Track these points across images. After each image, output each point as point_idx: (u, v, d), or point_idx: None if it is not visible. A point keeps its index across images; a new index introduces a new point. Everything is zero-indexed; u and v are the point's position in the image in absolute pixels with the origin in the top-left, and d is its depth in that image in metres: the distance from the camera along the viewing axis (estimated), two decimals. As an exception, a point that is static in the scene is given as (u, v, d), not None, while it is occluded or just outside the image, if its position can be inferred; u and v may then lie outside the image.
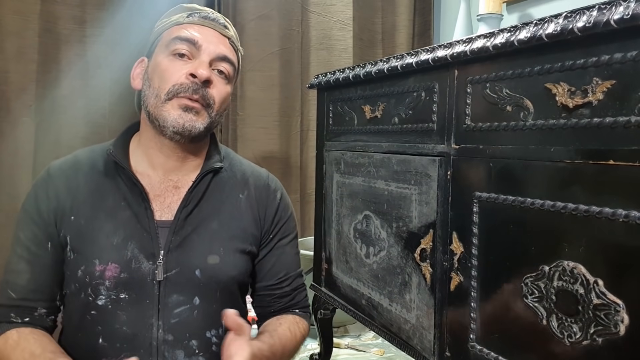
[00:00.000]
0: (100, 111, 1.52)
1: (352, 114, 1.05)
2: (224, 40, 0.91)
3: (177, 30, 0.88)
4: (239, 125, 1.75)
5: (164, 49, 0.87)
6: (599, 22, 0.52)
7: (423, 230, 0.82)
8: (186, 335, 0.84)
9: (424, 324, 0.82)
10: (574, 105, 0.57)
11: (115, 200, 0.86)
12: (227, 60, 0.89)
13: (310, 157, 1.84)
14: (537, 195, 0.62)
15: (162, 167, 0.90)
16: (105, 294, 0.82)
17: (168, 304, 0.84)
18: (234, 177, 0.96)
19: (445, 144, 0.78)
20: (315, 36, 1.85)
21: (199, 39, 0.86)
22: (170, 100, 0.84)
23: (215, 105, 0.88)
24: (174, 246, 0.85)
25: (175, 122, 0.84)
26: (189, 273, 0.85)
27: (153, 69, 0.88)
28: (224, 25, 0.92)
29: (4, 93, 1.39)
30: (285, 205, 1.02)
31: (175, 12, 0.92)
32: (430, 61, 0.78)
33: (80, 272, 0.82)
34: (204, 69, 0.84)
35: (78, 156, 0.92)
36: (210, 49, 0.87)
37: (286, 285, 0.99)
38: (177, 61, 0.86)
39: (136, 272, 0.83)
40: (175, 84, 0.84)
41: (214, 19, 0.91)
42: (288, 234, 1.01)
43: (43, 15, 1.42)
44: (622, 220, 0.52)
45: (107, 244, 0.83)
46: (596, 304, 0.55)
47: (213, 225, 0.89)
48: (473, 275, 0.72)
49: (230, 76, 0.91)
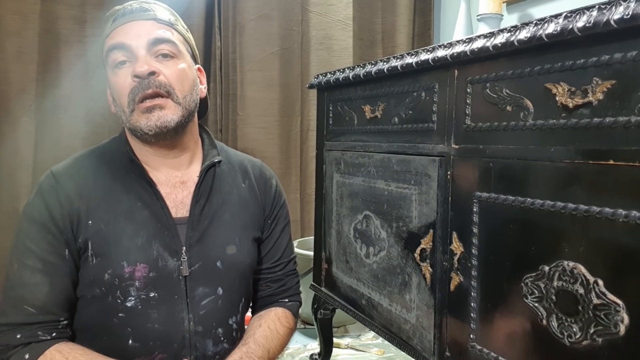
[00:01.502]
0: (100, 111, 1.52)
1: (352, 114, 1.05)
2: (150, 24, 0.87)
3: (107, 42, 0.87)
4: (239, 125, 1.75)
5: (108, 67, 0.87)
6: (599, 22, 0.52)
7: (423, 230, 0.82)
8: (213, 325, 0.88)
9: (424, 324, 0.82)
10: (574, 105, 0.57)
11: (130, 202, 0.86)
12: (161, 42, 0.86)
13: (310, 157, 1.84)
14: (537, 195, 0.62)
15: (163, 166, 0.91)
16: (135, 294, 0.83)
17: (195, 297, 0.87)
18: (233, 168, 0.99)
19: (445, 144, 0.78)
20: (315, 36, 1.85)
21: (126, 39, 0.85)
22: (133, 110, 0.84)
23: (175, 87, 0.86)
24: (194, 241, 0.88)
25: (147, 127, 0.84)
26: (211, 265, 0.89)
27: (110, 88, 0.89)
28: (143, 9, 0.88)
29: (4, 93, 1.39)
30: (280, 191, 1.07)
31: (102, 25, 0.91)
32: (430, 61, 0.78)
33: (108, 276, 0.82)
34: (141, 65, 0.83)
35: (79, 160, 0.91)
36: (139, 42, 0.85)
37: (278, 270, 1.03)
38: (120, 70, 0.85)
39: (164, 270, 0.85)
40: (129, 92, 0.84)
41: (131, 10, 0.87)
42: (283, 219, 1.05)
43: (43, 15, 1.43)
44: (622, 220, 0.52)
45: (132, 245, 0.83)
46: (596, 304, 0.55)
47: (226, 216, 0.93)
48: (473, 275, 0.72)
49: (177, 53, 0.88)
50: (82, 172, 0.88)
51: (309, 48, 1.85)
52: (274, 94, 1.78)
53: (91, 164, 0.90)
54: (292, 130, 1.84)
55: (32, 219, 0.84)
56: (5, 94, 1.39)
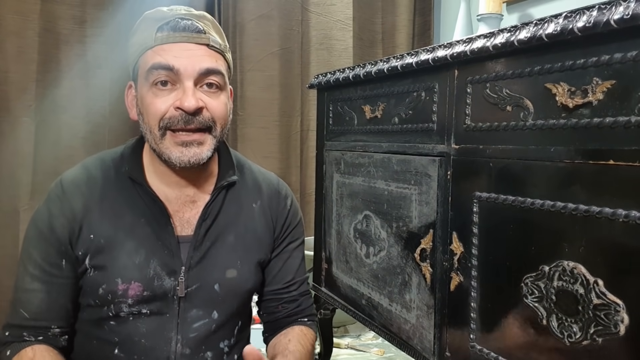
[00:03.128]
0: (100, 111, 1.52)
1: (352, 114, 1.05)
2: (202, 50, 0.81)
3: (151, 56, 0.79)
4: (239, 125, 1.75)
5: (144, 81, 0.80)
6: (599, 22, 0.52)
7: (423, 230, 0.82)
8: (202, 348, 0.85)
9: (424, 324, 0.82)
10: (574, 105, 0.57)
11: (134, 217, 0.84)
12: (212, 72, 0.81)
13: (310, 157, 1.84)
14: (537, 195, 0.62)
15: (176, 185, 0.87)
16: (126, 310, 0.82)
17: (187, 319, 0.84)
18: (246, 186, 0.94)
19: (445, 144, 0.78)
20: (315, 36, 1.85)
21: (174, 62, 0.78)
22: (164, 135, 0.80)
23: (217, 124, 0.83)
24: (194, 262, 0.85)
25: (179, 160, 0.80)
26: (208, 288, 0.86)
27: (141, 102, 0.82)
28: (197, 30, 0.81)
29: (4, 93, 1.39)
30: (295, 211, 1.01)
31: (143, 26, 0.83)
32: (430, 61, 0.78)
33: (102, 290, 0.81)
34: (190, 99, 0.78)
35: (89, 169, 0.87)
36: (189, 70, 0.79)
37: (293, 290, 0.98)
38: (160, 92, 0.79)
39: (158, 289, 0.83)
40: (164, 118, 0.79)
41: (184, 27, 0.80)
42: (296, 239, 1.00)
43: (43, 15, 1.43)
44: (622, 220, 0.52)
45: (129, 263, 0.82)
46: (596, 304, 0.55)
47: (230, 238, 0.89)
48: (473, 275, 0.72)
49: (221, 84, 0.83)
50: (89, 182, 0.85)
51: (309, 48, 1.85)
52: (274, 94, 1.78)
53: (100, 175, 0.86)
54: (292, 130, 1.84)
55: (36, 227, 0.84)
56: (5, 94, 1.39)
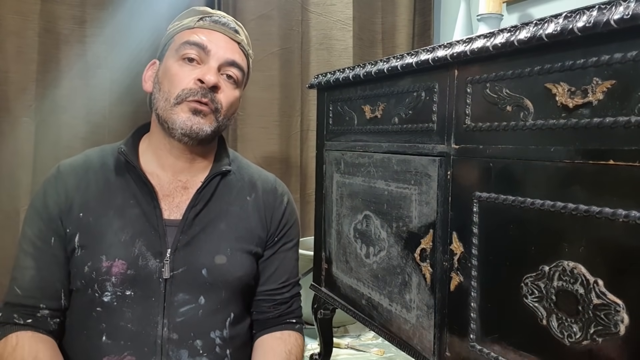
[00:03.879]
0: (100, 111, 1.52)
1: (352, 114, 1.05)
2: (233, 45, 0.91)
3: (188, 34, 0.89)
4: (239, 125, 1.75)
5: (174, 53, 0.88)
6: (599, 22, 0.52)
7: (423, 230, 0.82)
8: (191, 335, 0.85)
9: (424, 324, 0.82)
10: (574, 105, 0.57)
11: (124, 198, 0.87)
12: (236, 66, 0.90)
13: (310, 157, 1.84)
14: (537, 195, 0.62)
15: (171, 168, 0.91)
16: (111, 290, 0.83)
17: (174, 303, 0.85)
18: (241, 180, 0.97)
19: (445, 144, 0.78)
20: (315, 36, 1.85)
21: (208, 44, 0.87)
22: (179, 104, 0.86)
23: (223, 110, 0.89)
24: (181, 245, 0.86)
25: (184, 124, 0.85)
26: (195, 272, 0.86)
27: (163, 73, 0.89)
28: (234, 29, 0.93)
29: (4, 93, 1.39)
30: (292, 210, 1.02)
31: (187, 15, 0.93)
32: (430, 61, 0.78)
33: (87, 268, 0.83)
34: (211, 75, 0.85)
35: (88, 155, 0.93)
36: (219, 54, 0.88)
37: (286, 292, 0.99)
38: (186, 66, 0.87)
39: (143, 270, 0.84)
40: (185, 88, 0.85)
41: (224, 23, 0.92)
42: (292, 239, 1.01)
43: (43, 15, 1.42)
44: (622, 220, 0.52)
45: (115, 240, 0.84)
46: (596, 304, 0.55)
47: (221, 226, 0.91)
48: (473, 275, 0.72)
49: (239, 81, 0.92)
50: (85, 166, 0.90)
51: (309, 48, 1.85)
52: (274, 94, 1.78)
53: (98, 158, 0.91)
54: (292, 130, 1.84)
55: (32, 205, 0.89)
56: (5, 94, 1.39)
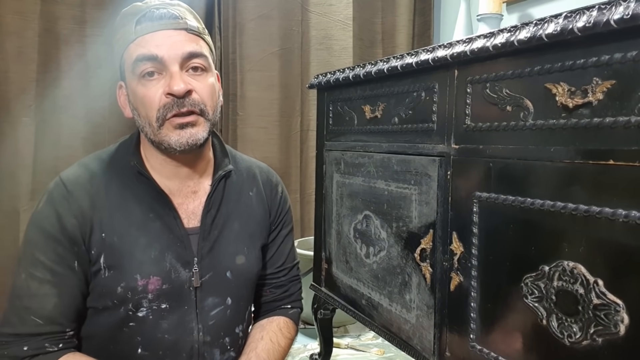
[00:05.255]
0: (100, 111, 1.52)
1: (352, 114, 1.05)
2: (181, 35, 0.82)
3: (134, 49, 0.81)
4: (239, 125, 1.75)
5: (132, 75, 0.82)
6: (599, 22, 0.52)
7: (423, 230, 0.82)
8: (221, 334, 0.89)
9: (424, 324, 0.82)
10: (574, 105, 0.57)
11: (143, 213, 0.84)
12: (195, 55, 0.83)
13: (310, 157, 1.84)
14: (537, 195, 0.62)
15: (176, 176, 0.89)
16: (147, 305, 0.83)
17: (205, 307, 0.87)
18: (241, 175, 0.98)
19: (445, 144, 0.78)
20: (315, 36, 1.85)
21: (157, 51, 0.80)
22: (162, 125, 0.81)
23: (207, 106, 0.84)
24: (205, 252, 0.87)
25: (178, 143, 0.81)
26: (221, 275, 0.89)
27: (134, 98, 0.84)
28: (174, 16, 0.82)
29: (4, 93, 1.39)
30: (286, 197, 1.07)
31: (122, 23, 0.85)
32: (430, 61, 0.78)
33: (120, 289, 0.81)
34: (177, 83, 0.79)
35: (89, 166, 0.87)
36: (172, 54, 0.80)
37: (282, 276, 1.02)
38: (149, 82, 0.81)
39: (176, 282, 0.85)
40: (159, 107, 0.80)
41: (160, 16, 0.82)
42: (288, 224, 1.05)
43: (43, 15, 1.43)
44: (622, 220, 0.52)
45: (145, 258, 0.83)
46: (596, 304, 0.55)
47: (235, 226, 0.92)
48: (473, 275, 0.72)
49: (206, 66, 0.85)
50: (93, 182, 0.85)
51: (309, 48, 1.85)
52: (273, 94, 1.78)
53: (102, 172, 0.86)
54: (292, 130, 1.84)
55: (41, 229, 0.82)
56: (5, 94, 1.39)
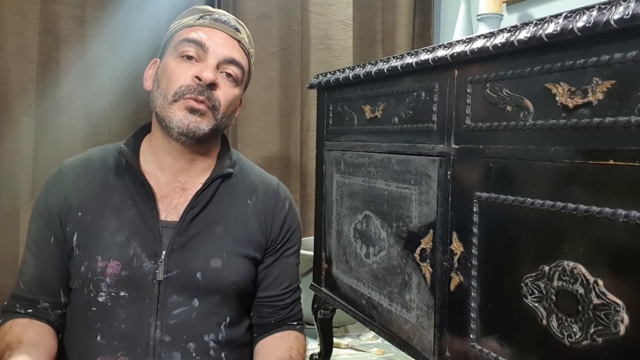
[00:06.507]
0: (100, 111, 1.52)
1: (352, 114, 1.05)
2: (233, 43, 0.90)
3: (187, 32, 0.88)
4: (239, 125, 1.75)
5: (173, 51, 0.88)
6: (599, 22, 0.52)
7: (423, 230, 0.82)
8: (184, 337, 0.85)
9: (424, 324, 0.82)
10: (574, 105, 0.57)
11: (122, 199, 0.87)
12: (235, 64, 0.89)
13: (310, 157, 1.84)
14: (537, 195, 0.62)
15: (170, 169, 0.90)
16: (105, 290, 0.83)
17: (167, 305, 0.84)
18: (242, 182, 0.96)
19: (445, 144, 0.78)
20: (315, 36, 1.85)
21: (207, 41, 0.87)
22: (176, 101, 0.85)
23: (221, 108, 0.88)
24: (177, 247, 0.86)
25: (180, 123, 0.84)
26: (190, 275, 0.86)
27: (162, 71, 0.89)
28: (234, 27, 0.92)
29: (4, 93, 1.39)
30: (294, 215, 1.01)
31: (188, 13, 0.93)
32: (430, 61, 0.78)
33: (83, 268, 0.84)
34: (209, 72, 0.85)
35: (90, 154, 0.94)
36: (218, 51, 0.87)
37: (287, 297, 0.98)
38: (184, 63, 0.86)
39: (137, 271, 0.84)
40: (182, 85, 0.85)
41: (225, 21, 0.91)
42: (293, 245, 1.00)
43: (43, 15, 1.43)
44: (622, 220, 0.52)
45: (110, 241, 0.84)
46: (596, 304, 0.55)
47: (218, 229, 0.90)
48: (473, 275, 0.72)
49: (238, 79, 0.91)
50: (86, 164, 0.91)
51: (309, 48, 1.85)
52: (273, 94, 1.78)
53: (99, 157, 0.92)
54: (292, 130, 1.84)
55: (35, 204, 0.91)
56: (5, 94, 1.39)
